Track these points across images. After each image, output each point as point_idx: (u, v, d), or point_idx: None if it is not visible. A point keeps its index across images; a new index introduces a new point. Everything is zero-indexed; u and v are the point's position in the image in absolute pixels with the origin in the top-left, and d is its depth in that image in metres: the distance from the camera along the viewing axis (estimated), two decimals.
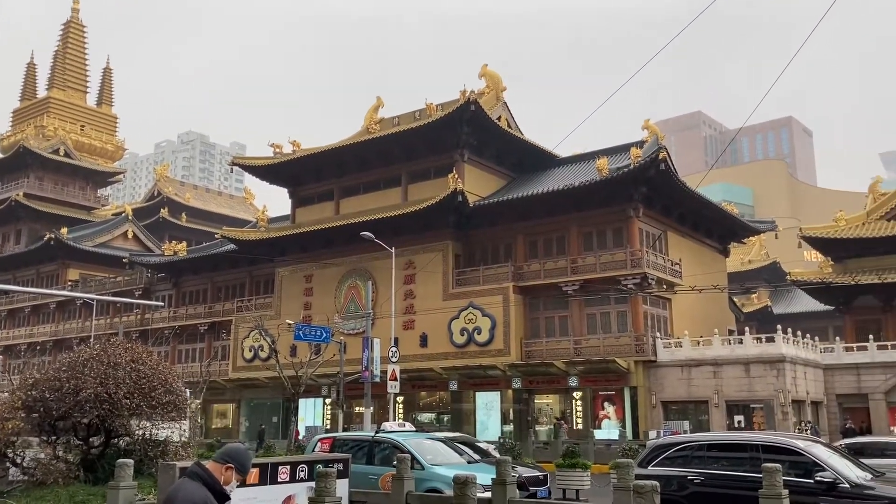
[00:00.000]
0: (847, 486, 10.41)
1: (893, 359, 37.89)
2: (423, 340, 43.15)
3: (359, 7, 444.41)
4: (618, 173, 38.36)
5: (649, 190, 39.34)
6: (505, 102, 48.28)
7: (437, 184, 43.36)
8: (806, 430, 32.83)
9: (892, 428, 36.69)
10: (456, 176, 41.78)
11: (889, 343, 39.15)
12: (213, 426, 52.64)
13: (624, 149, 42.27)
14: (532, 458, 27.94)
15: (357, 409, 44.42)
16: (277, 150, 50.87)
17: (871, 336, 40.14)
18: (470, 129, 43.39)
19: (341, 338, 38.69)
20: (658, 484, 8.09)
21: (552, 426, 39.96)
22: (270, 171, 51.30)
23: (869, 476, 10.94)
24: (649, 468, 12.38)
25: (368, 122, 49.02)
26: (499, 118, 45.77)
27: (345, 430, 35.38)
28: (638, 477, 10.54)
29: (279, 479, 9.74)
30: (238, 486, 4.56)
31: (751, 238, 56.89)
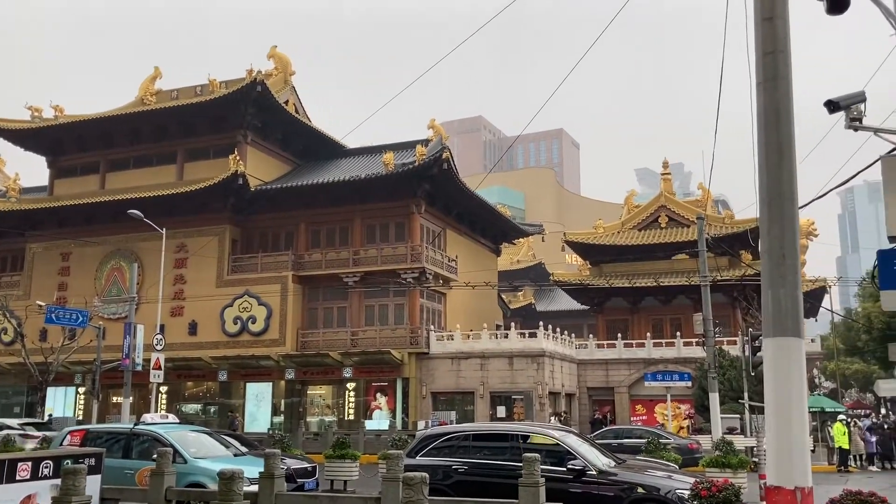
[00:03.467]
0: (594, 472, 11.30)
1: (637, 356, 41.98)
2: (193, 328, 41.18)
3: None
4: (403, 169, 38.99)
5: (432, 187, 40.40)
6: (294, 87, 47.26)
7: (217, 164, 41.52)
8: (559, 420, 35.40)
9: (632, 418, 40.58)
10: (238, 157, 40.24)
11: (634, 341, 43.32)
12: None
13: (410, 145, 43.07)
14: (302, 449, 27.60)
15: (115, 399, 41.44)
16: (36, 113, 46.04)
17: (619, 335, 44.15)
18: (255, 111, 42.00)
19: (100, 322, 35.90)
20: (427, 476, 8.25)
21: (321, 418, 39.92)
22: (27, 136, 46.30)
23: (613, 463, 11.97)
24: (417, 458, 12.66)
25: (144, 92, 45.79)
26: (286, 102, 44.72)
27: (101, 422, 32.83)
28: (406, 467, 10.72)
29: (18, 478, 8.76)
30: None
31: (521, 239, 60.40)
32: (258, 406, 41.10)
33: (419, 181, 39.62)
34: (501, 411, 37.22)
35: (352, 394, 40.12)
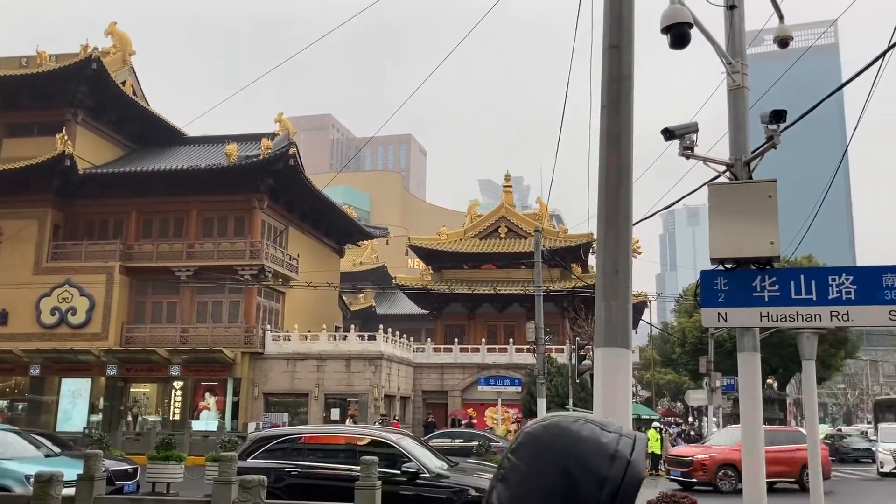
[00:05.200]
0: (427, 475, 11.45)
1: (472, 361, 43.01)
2: (3, 318, 37.91)
3: None
4: (247, 161, 37.84)
5: (276, 183, 39.48)
6: (133, 68, 44.67)
7: (43, 142, 38.44)
8: (381, 422, 35.50)
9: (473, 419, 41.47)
10: (66, 137, 37.46)
11: (470, 346, 44.37)
12: None
13: (256, 138, 41.87)
14: (122, 450, 26.07)
15: None
16: None
17: (456, 339, 45.07)
18: (88, 89, 39.30)
19: None
20: (265, 478, 8.03)
21: (144, 417, 37.91)
22: None
23: (446, 466, 12.18)
24: (249, 461, 12.30)
25: None
26: (124, 83, 42.19)
27: None
28: (238, 470, 10.39)
29: None
30: None
31: (365, 241, 60.28)
32: (74, 403, 38.36)
33: (263, 175, 38.60)
34: (336, 414, 36.94)
35: (179, 393, 38.37)
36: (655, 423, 31.12)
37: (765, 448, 19.26)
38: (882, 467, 27.61)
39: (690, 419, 53.00)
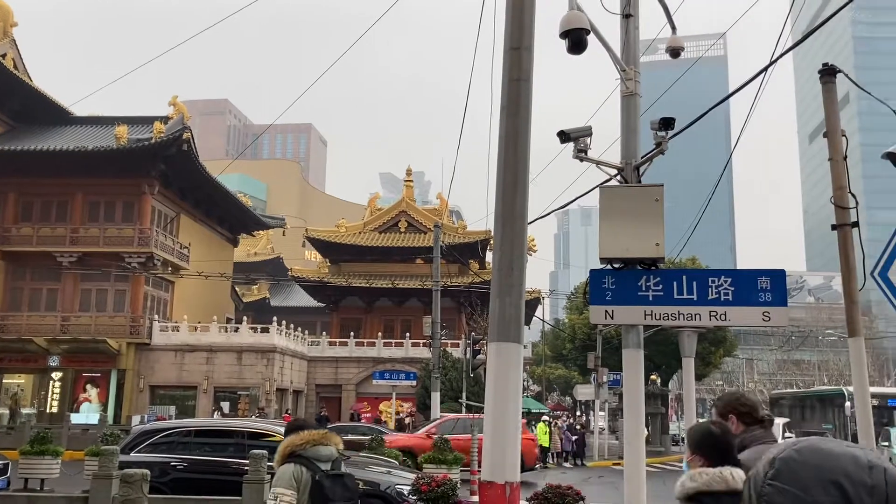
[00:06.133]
0: None
1: (367, 354, 42.89)
2: None
3: None
4: (138, 145, 36.37)
5: (168, 168, 38.13)
6: (14, 40, 42.08)
7: None
8: (259, 415, 34.67)
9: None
10: None
11: (366, 340, 44.22)
12: None
13: (148, 121, 40.23)
14: None
15: None
16: None
17: (352, 333, 44.82)
18: None
19: None
20: (148, 472, 7.77)
21: (17, 409, 35.90)
22: None
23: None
24: (132, 455, 11.87)
25: None
26: (4, 56, 39.71)
27: None
28: (120, 464, 10.00)
29: None
30: None
31: (260, 231, 59.05)
32: None
33: (154, 160, 37.20)
34: (226, 407, 36.10)
35: (58, 384, 36.57)
36: (545, 417, 31.92)
37: (459, 436, 20.18)
38: None
39: (578, 413, 54.58)
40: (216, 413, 34.37)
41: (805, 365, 78.09)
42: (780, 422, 28.81)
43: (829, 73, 6.60)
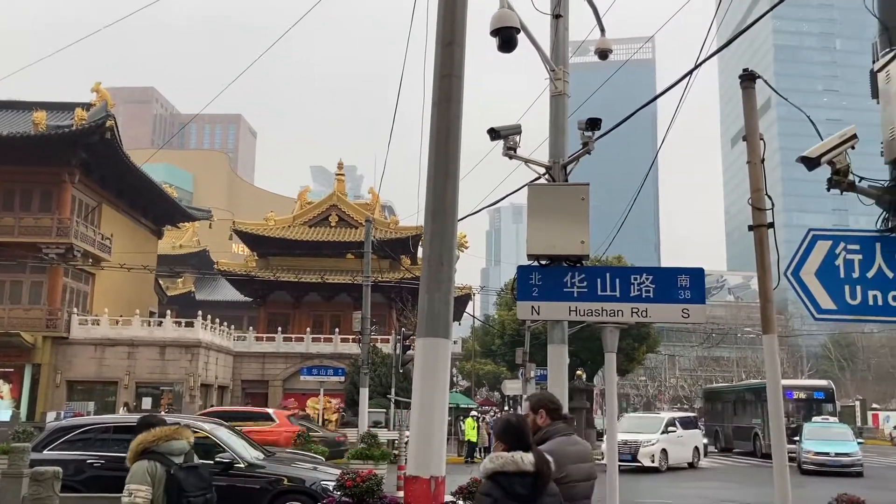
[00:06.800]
0: (242, 465, 11.20)
1: (295, 350, 42.40)
2: None
3: None
4: (58, 132, 35.04)
5: (90, 157, 36.86)
6: None
7: None
8: (127, 410, 33.40)
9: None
10: None
11: (294, 336, 43.68)
12: None
13: (69, 107, 38.74)
14: None
15: None
16: None
17: (280, 328, 44.21)
18: None
19: None
20: (60, 470, 7.50)
21: None
22: None
23: (262, 456, 11.96)
24: (45, 452, 11.47)
25: None
26: None
27: None
28: (32, 462, 9.64)
29: None
30: None
31: (186, 224, 57.68)
32: None
33: (75, 148, 35.89)
34: (147, 403, 35.18)
35: None
36: (473, 412, 32.16)
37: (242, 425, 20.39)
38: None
39: (507, 408, 55.21)
40: (123, 409, 33.37)
41: (724, 361, 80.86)
42: (665, 416, 29.46)
43: (748, 78, 6.83)
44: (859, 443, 26.63)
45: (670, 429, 26.65)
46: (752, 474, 24.68)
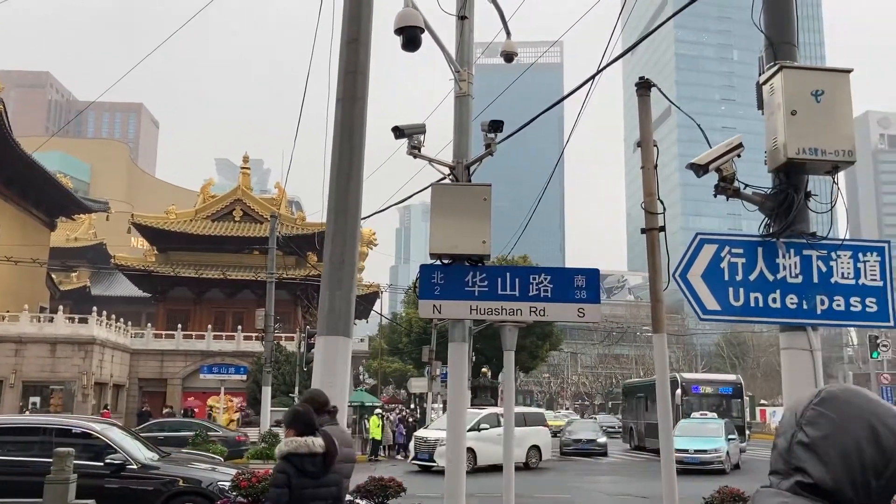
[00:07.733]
0: (135, 466, 10.82)
1: (195, 348, 41.25)
2: None
3: None
4: None
5: None
6: None
7: None
8: (30, 411, 32.24)
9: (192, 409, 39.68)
10: None
11: (194, 333, 42.49)
12: None
13: None
14: None
15: None
16: None
17: (180, 325, 42.90)
18: None
19: None
20: None
21: None
22: None
23: (157, 457, 11.58)
24: None
25: None
26: None
27: None
28: None
29: None
30: None
31: (82, 215, 55.24)
32: None
33: None
34: (37, 402, 33.54)
35: None
36: (378, 410, 32.07)
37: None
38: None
39: (412, 406, 55.30)
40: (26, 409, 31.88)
41: (624, 359, 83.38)
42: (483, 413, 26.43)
43: (644, 86, 7.07)
44: (731, 439, 25.41)
45: (483, 426, 22.98)
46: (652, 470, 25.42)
